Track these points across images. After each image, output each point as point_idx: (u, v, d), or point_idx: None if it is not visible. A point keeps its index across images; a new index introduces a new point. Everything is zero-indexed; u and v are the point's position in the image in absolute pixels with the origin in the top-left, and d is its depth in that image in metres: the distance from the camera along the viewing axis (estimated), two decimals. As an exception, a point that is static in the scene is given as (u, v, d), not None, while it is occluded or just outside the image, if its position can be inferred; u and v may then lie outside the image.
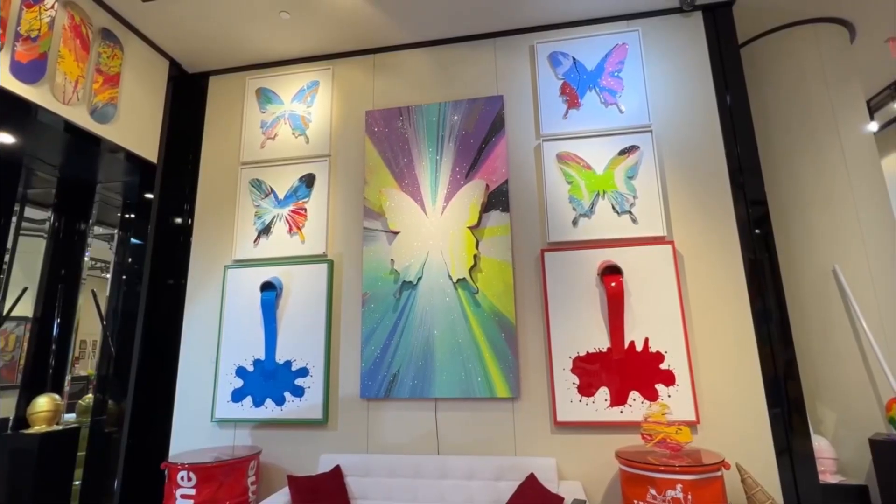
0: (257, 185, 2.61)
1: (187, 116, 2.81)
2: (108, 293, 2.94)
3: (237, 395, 2.35)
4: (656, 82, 2.36)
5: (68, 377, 2.84)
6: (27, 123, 2.18)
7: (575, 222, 2.25)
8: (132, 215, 2.93)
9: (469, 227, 2.31)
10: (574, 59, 2.44)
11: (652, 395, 2.00)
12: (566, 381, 2.08)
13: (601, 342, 2.10)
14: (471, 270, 2.26)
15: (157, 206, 2.66)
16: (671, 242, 2.14)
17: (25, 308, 2.78)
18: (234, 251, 2.54)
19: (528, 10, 2.41)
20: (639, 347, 2.05)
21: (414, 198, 2.40)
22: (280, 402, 2.30)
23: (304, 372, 2.31)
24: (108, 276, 3.09)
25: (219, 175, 2.72)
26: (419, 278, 2.30)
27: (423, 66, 2.62)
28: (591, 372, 2.07)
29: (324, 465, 2.13)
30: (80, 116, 2.17)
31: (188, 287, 2.62)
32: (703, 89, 2.32)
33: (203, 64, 2.82)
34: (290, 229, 2.51)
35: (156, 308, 2.56)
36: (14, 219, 2.71)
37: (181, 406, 2.46)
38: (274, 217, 2.54)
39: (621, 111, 2.33)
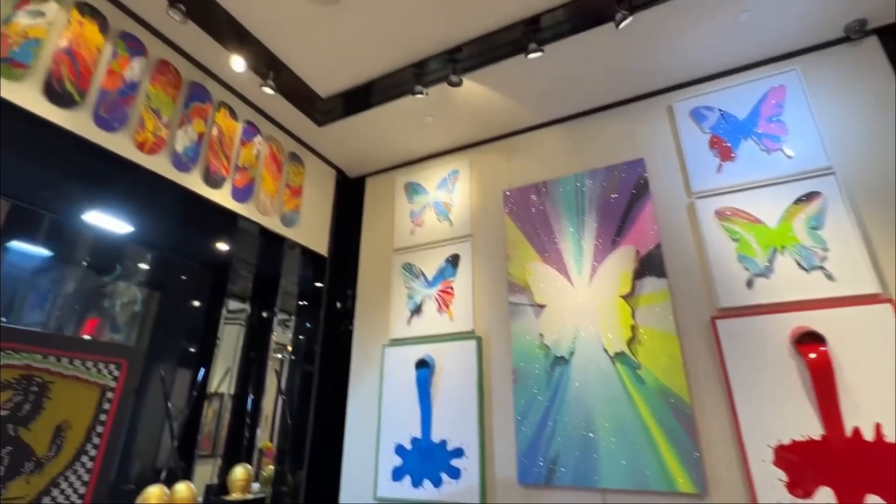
0: (408, 268, 2.84)
1: (349, 214, 3.26)
2: (285, 372, 3.36)
3: (397, 474, 2.40)
4: (830, 121, 2.08)
5: (257, 449, 3.22)
6: (235, 232, 2.73)
7: (750, 284, 1.98)
8: (306, 302, 3.39)
9: (622, 297, 2.18)
10: (720, 110, 2.30)
11: (901, 502, 1.54)
12: (769, 477, 1.72)
13: (810, 428, 1.72)
14: (629, 343, 2.10)
15: (326, 294, 3.04)
16: (889, 300, 1.75)
17: (222, 385, 3.29)
18: (390, 331, 2.74)
19: (666, 71, 2.39)
20: (868, 436, 1.63)
21: (558, 270, 2.38)
22: (437, 483, 2.29)
23: (459, 453, 2.29)
24: (284, 356, 3.56)
25: (376, 262, 3.04)
26: (571, 353, 2.20)
27: (556, 141, 2.71)
28: (802, 466, 1.69)
29: (485, 558, 2.01)
30: (274, 224, 2.65)
31: (352, 366, 2.86)
32: (892, 120, 1.98)
33: (361, 168, 3.30)
34: (440, 308, 2.64)
35: (325, 385, 2.83)
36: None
37: (347, 482, 2.60)
38: (424, 297, 2.71)
39: (788, 157, 2.08)
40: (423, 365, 2.51)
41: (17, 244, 2.71)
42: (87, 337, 2.86)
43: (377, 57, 2.36)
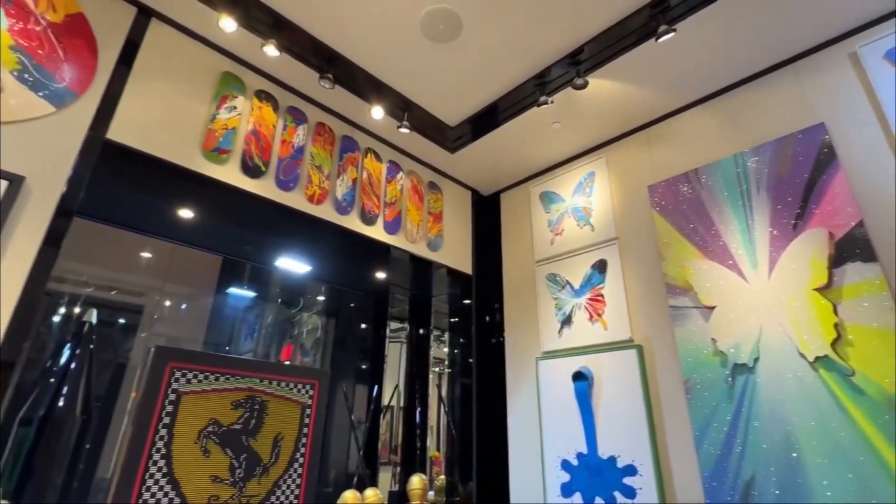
0: (553, 278, 2.80)
1: (488, 231, 3.35)
2: (445, 385, 3.57)
3: (566, 490, 2.35)
4: None
5: (429, 458, 3.46)
6: (390, 261, 3.02)
7: None
8: (456, 319, 3.56)
9: (816, 290, 1.83)
10: (932, 44, 1.82)
11: None
12: None
13: None
14: (833, 345, 1.75)
15: (475, 310, 3.15)
16: None
17: (392, 398, 3.61)
18: (542, 343, 2.72)
19: (841, 14, 1.99)
20: None
21: (726, 265, 2.11)
22: (611, 502, 2.18)
23: (631, 470, 2.15)
24: (442, 370, 3.78)
25: (519, 275, 3.06)
26: (755, 359, 1.92)
27: (704, 122, 2.43)
28: None
29: (677, 588, 1.84)
30: (422, 250, 2.87)
31: (508, 378, 2.91)
32: None
33: (495, 185, 3.38)
34: (591, 317, 2.54)
35: (484, 397, 2.93)
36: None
37: (516, 494, 2.62)
38: (573, 307, 2.64)
39: None
40: (581, 377, 2.43)
41: (232, 290, 3.41)
42: (287, 362, 3.42)
43: (498, 77, 2.42)
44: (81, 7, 1.82)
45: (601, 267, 2.59)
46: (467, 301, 3.24)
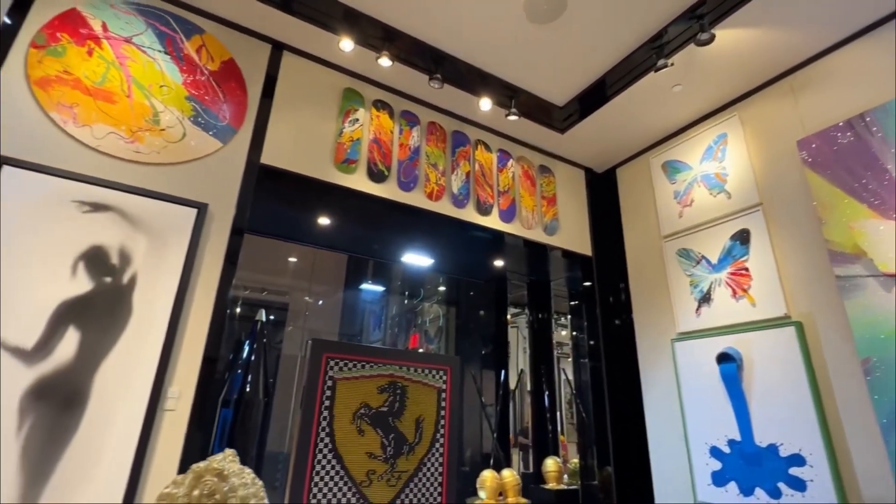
0: (685, 254, 2.60)
1: (606, 209, 3.21)
2: (570, 369, 3.53)
3: (718, 479, 2.20)
4: None
5: (562, 440, 3.47)
6: (506, 249, 3.05)
7: None
8: (577, 302, 3.49)
9: None
10: None
11: None
12: None
13: None
14: None
15: (598, 291, 3.06)
16: None
17: (517, 383, 3.67)
18: (677, 324, 2.55)
19: None
20: None
21: (912, 224, 1.77)
22: (775, 494, 1.99)
23: (798, 460, 1.94)
24: (566, 354, 3.73)
25: (644, 253, 2.90)
26: (962, 333, 1.60)
27: (866, 59, 2.05)
28: None
29: None
30: (538, 235, 2.85)
31: (640, 361, 2.78)
32: None
33: (608, 161, 3.22)
34: (734, 293, 2.32)
35: (615, 380, 2.84)
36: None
37: (659, 481, 2.52)
38: (712, 283, 2.43)
39: None
40: (727, 359, 2.24)
41: (359, 285, 3.74)
42: (420, 350, 3.66)
43: (607, 48, 2.29)
44: (232, 53, 2.13)
45: (743, 237, 2.34)
46: (588, 283, 3.16)
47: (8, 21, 1.71)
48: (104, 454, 1.49)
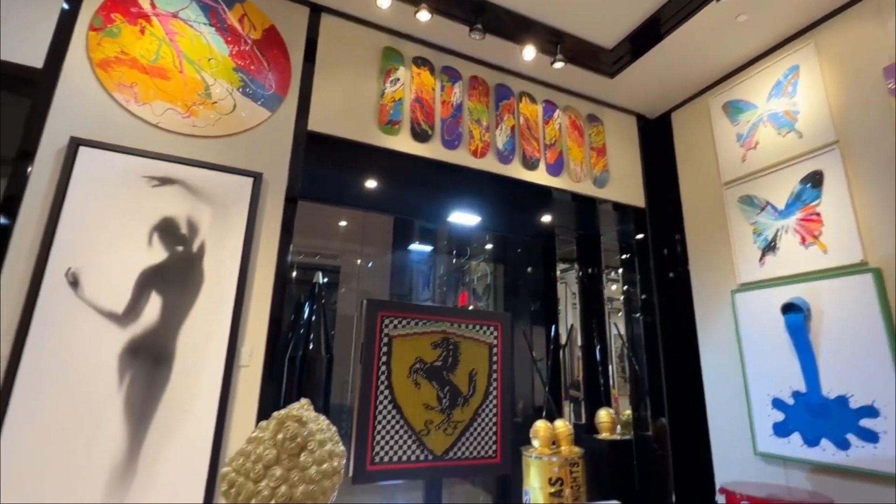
0: (748, 200, 2.45)
1: (660, 157, 3.05)
2: (622, 323, 3.49)
3: (780, 430, 2.15)
4: None
5: (613, 393, 3.49)
6: (554, 204, 2.99)
7: None
8: (627, 255, 3.39)
9: None
10: None
11: None
12: None
13: None
14: None
15: (651, 244, 2.96)
16: None
17: (568, 338, 3.68)
18: (738, 275, 2.44)
19: None
20: None
21: None
22: (843, 445, 1.93)
23: (870, 412, 1.86)
24: (616, 308, 3.68)
25: (702, 201, 2.75)
26: None
27: (978, -38, 1.77)
28: None
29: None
30: (588, 188, 2.77)
31: (696, 313, 2.71)
32: None
33: (662, 105, 3.02)
34: (803, 240, 2.17)
35: (670, 334, 2.79)
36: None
37: (716, 432, 2.50)
38: (777, 231, 2.29)
39: None
40: (793, 309, 2.13)
41: (406, 246, 3.81)
42: (470, 307, 3.73)
43: (663, -22, 2.11)
44: (272, 20, 2.14)
45: (815, 181, 2.17)
46: (641, 236, 3.05)
47: (66, 6, 1.79)
48: (194, 404, 1.66)
